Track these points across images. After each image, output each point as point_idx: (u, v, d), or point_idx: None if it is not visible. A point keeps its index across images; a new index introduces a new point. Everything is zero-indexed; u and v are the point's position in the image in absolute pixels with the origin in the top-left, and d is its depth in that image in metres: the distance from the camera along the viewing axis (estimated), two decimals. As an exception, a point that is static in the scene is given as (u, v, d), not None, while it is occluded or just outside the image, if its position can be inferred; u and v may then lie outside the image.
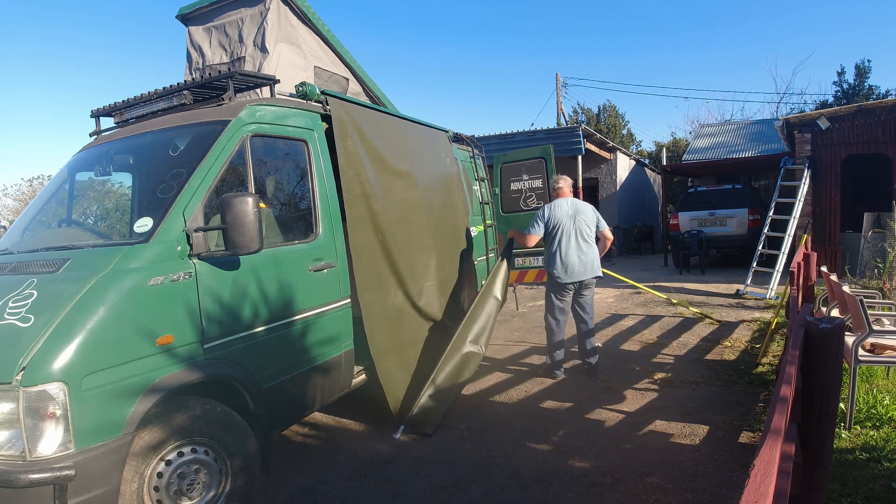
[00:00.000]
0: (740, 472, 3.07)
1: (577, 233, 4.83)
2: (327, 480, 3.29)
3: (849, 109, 9.83)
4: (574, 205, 4.92)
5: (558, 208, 4.89)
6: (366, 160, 3.87)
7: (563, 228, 4.83)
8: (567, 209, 4.88)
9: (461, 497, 3.02)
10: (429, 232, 4.64)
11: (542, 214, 4.94)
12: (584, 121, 27.79)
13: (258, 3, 4.21)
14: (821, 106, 23.19)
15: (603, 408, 4.18)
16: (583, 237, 4.84)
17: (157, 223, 2.64)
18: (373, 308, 3.75)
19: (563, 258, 4.80)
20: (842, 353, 2.06)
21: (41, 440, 2.10)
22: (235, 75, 3.31)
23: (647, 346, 5.93)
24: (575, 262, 4.80)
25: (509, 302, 8.34)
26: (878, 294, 5.64)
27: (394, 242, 4.04)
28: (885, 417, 3.56)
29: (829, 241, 9.88)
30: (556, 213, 4.88)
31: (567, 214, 4.86)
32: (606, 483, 3.07)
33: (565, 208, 4.89)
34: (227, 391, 2.84)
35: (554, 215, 4.88)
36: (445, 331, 4.63)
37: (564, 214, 4.86)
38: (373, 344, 3.72)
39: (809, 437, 1.90)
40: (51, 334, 2.16)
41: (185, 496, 2.54)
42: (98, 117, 3.81)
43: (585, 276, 4.82)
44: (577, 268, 4.80)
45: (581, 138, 14.18)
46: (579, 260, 4.80)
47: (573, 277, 4.81)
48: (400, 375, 4.03)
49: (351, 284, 3.70)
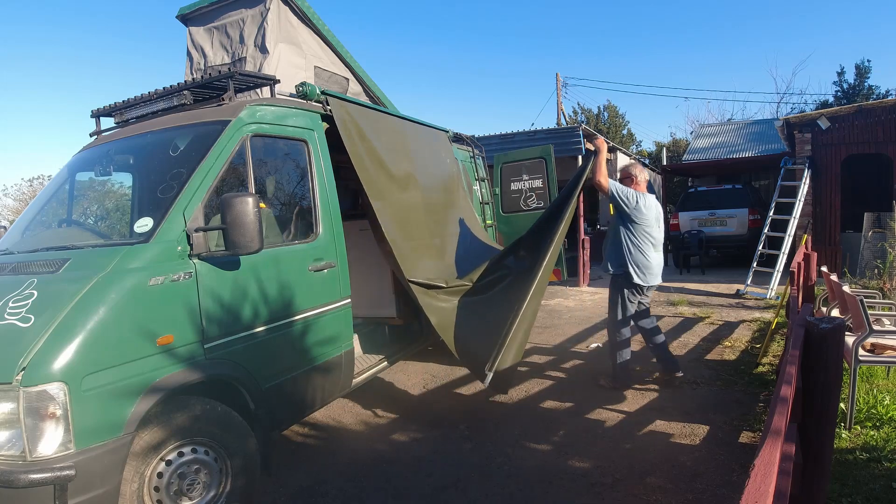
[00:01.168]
0: (740, 472, 3.07)
1: (659, 234, 4.53)
2: (327, 480, 3.29)
3: (849, 109, 9.83)
4: (658, 206, 4.56)
5: (650, 209, 4.43)
6: (366, 160, 3.88)
7: (651, 227, 4.46)
8: (656, 211, 4.48)
9: (461, 497, 3.02)
10: (428, 231, 4.63)
11: (636, 201, 4.39)
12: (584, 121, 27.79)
13: (258, 4, 4.21)
14: (821, 106, 23.19)
15: (603, 408, 4.18)
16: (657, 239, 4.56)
17: (157, 223, 2.64)
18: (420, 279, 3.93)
19: (651, 258, 4.45)
20: (842, 353, 2.06)
21: (41, 440, 2.10)
22: (235, 75, 3.31)
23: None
24: (658, 263, 4.50)
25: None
26: (879, 294, 5.64)
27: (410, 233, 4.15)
28: (886, 417, 3.56)
29: (829, 241, 9.88)
30: (649, 213, 4.42)
31: (655, 217, 4.48)
32: (606, 483, 3.07)
33: (655, 210, 4.47)
34: (228, 391, 2.84)
35: (648, 213, 4.42)
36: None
37: (653, 215, 4.46)
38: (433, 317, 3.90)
39: (809, 437, 1.91)
40: (51, 334, 2.17)
41: (186, 496, 2.54)
42: (98, 117, 3.81)
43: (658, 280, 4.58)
44: (657, 270, 4.51)
45: (581, 138, 14.15)
46: (658, 263, 4.51)
47: (654, 281, 4.51)
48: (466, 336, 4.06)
49: (351, 285, 3.70)
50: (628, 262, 4.42)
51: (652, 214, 4.43)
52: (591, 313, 7.82)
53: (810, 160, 9.80)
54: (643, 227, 4.40)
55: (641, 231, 4.41)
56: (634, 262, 4.41)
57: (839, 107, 11.98)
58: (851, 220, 10.10)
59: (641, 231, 4.41)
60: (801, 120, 10.16)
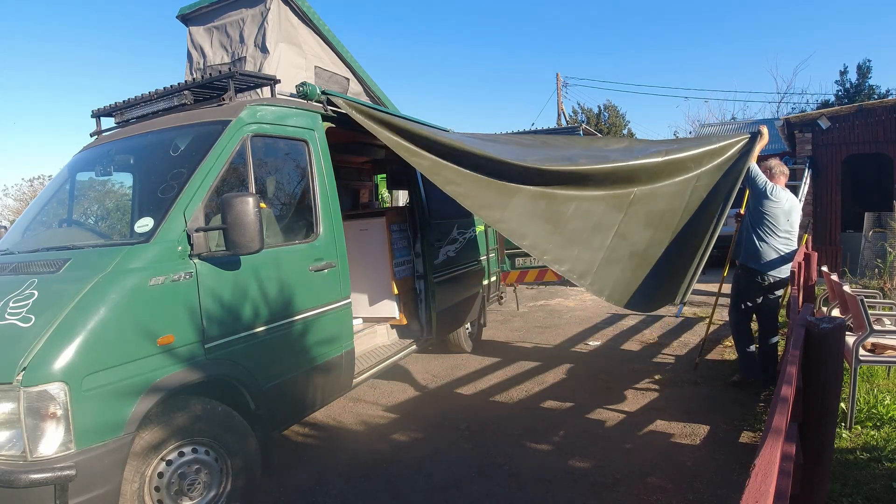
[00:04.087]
0: (741, 472, 3.07)
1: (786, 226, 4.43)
2: (328, 480, 3.29)
3: (849, 109, 9.83)
4: (794, 203, 4.47)
5: (780, 201, 4.36)
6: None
7: (778, 219, 4.37)
8: (788, 205, 4.41)
9: (462, 497, 3.02)
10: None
11: (769, 189, 4.34)
12: (584, 120, 27.75)
13: (259, 4, 4.21)
14: (822, 106, 23.17)
15: (603, 408, 4.18)
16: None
17: (157, 223, 2.65)
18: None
19: (763, 247, 4.39)
20: (842, 353, 2.06)
21: (42, 440, 2.11)
22: (236, 75, 3.31)
23: (648, 346, 5.93)
24: (773, 253, 4.40)
25: (509, 302, 8.36)
26: (879, 294, 5.65)
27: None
28: (886, 417, 3.56)
29: (829, 240, 9.88)
30: (779, 204, 4.35)
31: (785, 211, 4.37)
32: (607, 483, 3.07)
33: (786, 204, 4.39)
34: (228, 391, 2.84)
35: (777, 205, 4.34)
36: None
37: (782, 209, 4.37)
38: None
39: (810, 436, 1.91)
40: (51, 334, 2.17)
41: (186, 496, 2.54)
42: (99, 117, 3.81)
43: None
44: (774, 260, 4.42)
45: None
46: (773, 253, 4.40)
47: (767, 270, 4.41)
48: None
49: (351, 284, 3.70)
50: (742, 248, 4.42)
51: (781, 208, 4.33)
52: (592, 313, 7.82)
53: (811, 160, 9.80)
54: (769, 216, 4.33)
55: (766, 220, 4.35)
56: (746, 249, 4.40)
57: (840, 107, 11.98)
58: (852, 219, 10.09)
59: (766, 220, 4.35)
60: (802, 120, 10.16)
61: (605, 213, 3.98)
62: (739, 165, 4.22)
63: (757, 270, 4.37)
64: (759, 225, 4.38)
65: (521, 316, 7.98)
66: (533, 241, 3.67)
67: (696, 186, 4.19)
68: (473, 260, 5.73)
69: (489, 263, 6.32)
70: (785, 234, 4.36)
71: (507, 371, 5.28)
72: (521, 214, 3.75)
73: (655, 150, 4.25)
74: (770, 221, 4.34)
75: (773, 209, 4.33)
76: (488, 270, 6.28)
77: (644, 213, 4.06)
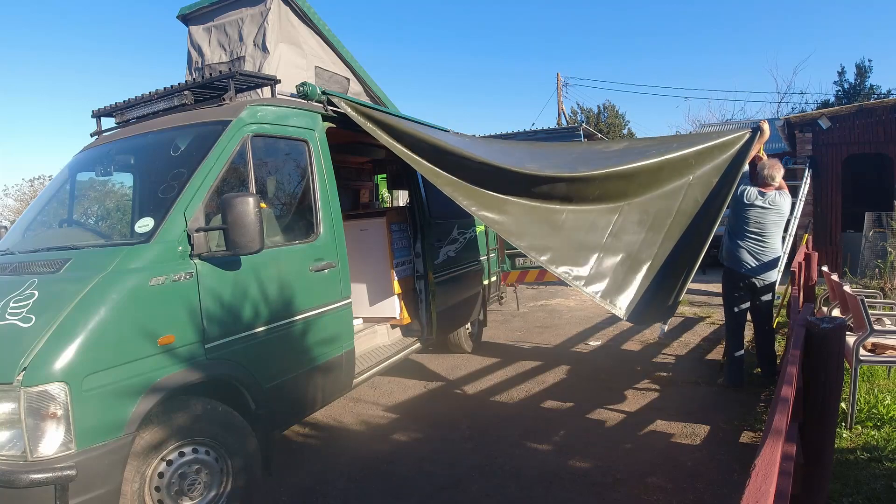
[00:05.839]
0: (741, 472, 3.07)
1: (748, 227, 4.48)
2: (328, 480, 3.29)
3: (849, 109, 9.82)
4: (769, 208, 4.44)
5: (751, 205, 4.39)
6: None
7: (745, 221, 4.43)
8: (760, 210, 4.41)
9: (462, 497, 3.02)
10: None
11: (740, 189, 4.38)
12: (584, 120, 27.75)
13: (259, 3, 4.21)
14: (822, 105, 23.15)
15: (604, 408, 4.18)
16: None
17: (158, 223, 2.64)
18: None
19: (736, 248, 4.47)
20: (843, 353, 2.06)
21: (42, 440, 2.11)
22: (236, 75, 3.31)
23: (648, 346, 5.93)
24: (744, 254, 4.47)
25: (509, 302, 8.36)
26: (879, 294, 5.65)
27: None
28: (887, 417, 3.56)
29: (829, 240, 9.87)
30: (750, 208, 4.39)
31: (755, 216, 4.40)
32: (607, 483, 3.07)
33: (758, 209, 4.40)
34: (228, 391, 2.84)
35: (748, 208, 4.39)
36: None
37: (753, 213, 4.39)
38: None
39: (810, 436, 1.91)
40: (52, 334, 2.17)
41: (187, 496, 2.54)
42: (99, 117, 3.81)
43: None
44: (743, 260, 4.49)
45: (582, 138, 14.17)
46: (744, 254, 4.46)
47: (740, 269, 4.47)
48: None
49: (351, 284, 3.70)
50: (722, 247, 4.52)
51: (752, 211, 4.34)
52: (592, 313, 7.81)
53: (811, 160, 9.79)
54: (738, 217, 4.41)
55: (737, 220, 4.43)
56: (725, 249, 4.51)
57: (840, 106, 11.98)
58: (852, 219, 10.08)
59: (737, 220, 4.43)
60: (802, 119, 10.15)
61: (601, 215, 4.05)
62: (737, 166, 4.23)
63: (738, 273, 4.42)
64: (733, 227, 4.47)
65: (521, 316, 7.98)
66: (531, 243, 3.71)
67: (691, 184, 4.23)
68: (474, 260, 5.73)
69: (489, 263, 6.32)
70: (756, 236, 4.37)
71: (507, 371, 5.29)
72: (518, 216, 3.79)
73: (655, 151, 4.26)
74: (744, 224, 4.39)
75: (746, 212, 4.38)
76: (488, 270, 6.28)
77: (638, 213, 4.12)
